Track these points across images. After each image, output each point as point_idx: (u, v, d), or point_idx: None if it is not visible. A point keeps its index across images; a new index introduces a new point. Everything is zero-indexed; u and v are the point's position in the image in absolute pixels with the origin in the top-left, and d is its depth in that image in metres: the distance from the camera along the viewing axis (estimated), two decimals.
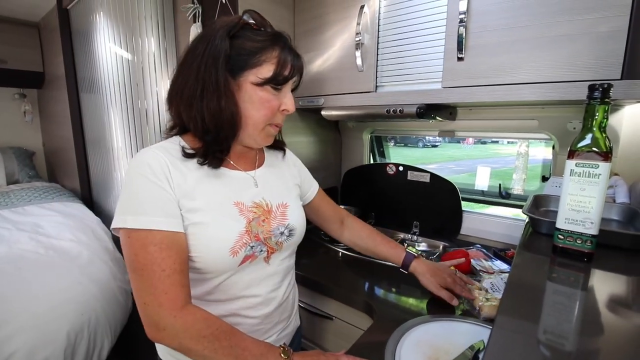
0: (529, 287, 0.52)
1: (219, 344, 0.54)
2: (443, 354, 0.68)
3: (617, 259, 0.61)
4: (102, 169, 1.93)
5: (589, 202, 0.55)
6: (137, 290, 0.54)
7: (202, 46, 0.59)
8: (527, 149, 5.46)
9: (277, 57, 0.61)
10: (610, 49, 0.71)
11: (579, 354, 0.37)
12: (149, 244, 0.54)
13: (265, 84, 0.61)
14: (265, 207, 0.68)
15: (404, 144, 8.65)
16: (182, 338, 0.53)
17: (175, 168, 0.59)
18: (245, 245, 0.62)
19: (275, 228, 0.68)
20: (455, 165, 8.11)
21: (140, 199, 0.55)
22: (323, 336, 1.07)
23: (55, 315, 0.93)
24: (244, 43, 0.59)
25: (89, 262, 1.17)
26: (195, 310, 0.56)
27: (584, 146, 0.56)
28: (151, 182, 0.56)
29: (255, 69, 0.60)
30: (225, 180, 0.65)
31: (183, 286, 0.56)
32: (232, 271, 0.63)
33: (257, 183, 0.70)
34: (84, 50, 1.91)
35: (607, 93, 0.54)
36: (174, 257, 0.55)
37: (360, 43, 1.07)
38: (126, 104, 1.70)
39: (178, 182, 0.58)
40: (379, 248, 0.90)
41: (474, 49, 0.87)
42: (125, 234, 0.55)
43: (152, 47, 1.55)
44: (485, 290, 0.88)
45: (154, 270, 0.53)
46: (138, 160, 0.58)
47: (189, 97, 0.59)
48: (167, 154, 0.60)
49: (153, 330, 0.54)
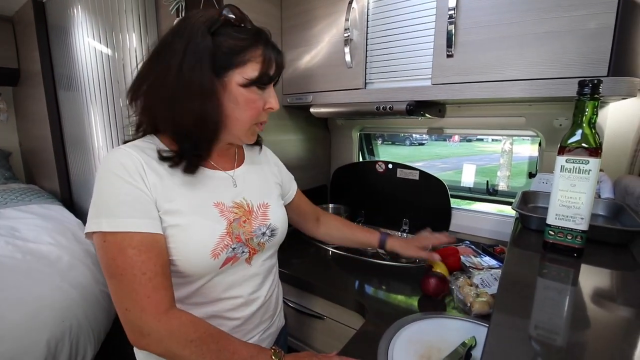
0: (522, 284, 0.52)
1: (206, 347, 0.52)
2: (435, 351, 0.68)
3: (605, 254, 0.61)
4: (83, 169, 1.86)
5: (579, 198, 0.56)
6: (117, 296, 0.51)
7: (181, 43, 0.54)
8: (512, 146, 5.58)
9: (262, 55, 0.59)
10: (597, 46, 0.72)
11: (571, 348, 0.38)
12: (127, 247, 0.51)
13: (251, 84, 0.58)
14: (246, 207, 0.67)
15: (392, 142, 8.73)
16: (167, 343, 0.51)
17: (150, 168, 0.56)
18: (227, 247, 0.60)
19: (256, 228, 0.67)
20: (441, 162, 8.24)
21: (115, 201, 0.52)
22: (314, 336, 1.06)
23: (33, 324, 0.88)
24: (226, 41, 0.56)
25: (69, 266, 1.12)
26: (181, 314, 0.53)
27: (573, 142, 0.56)
28: (126, 182, 0.53)
29: (239, 69, 0.57)
30: (204, 180, 0.63)
31: (166, 289, 0.53)
32: (213, 274, 0.61)
33: (236, 183, 0.68)
34: (61, 46, 1.84)
35: (596, 89, 0.54)
36: (154, 259, 0.52)
37: (349, 39, 1.06)
38: (107, 102, 1.64)
39: (154, 182, 0.55)
40: (356, 235, 0.95)
41: (463, 45, 0.87)
42: (100, 238, 0.52)
43: (133, 43, 1.50)
44: (475, 286, 0.89)
45: (135, 274, 0.50)
46: (110, 160, 0.55)
47: (169, 99, 0.55)
48: (142, 153, 0.57)
49: (137, 336, 0.51)
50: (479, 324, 0.76)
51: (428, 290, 0.87)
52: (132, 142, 0.60)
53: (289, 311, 1.08)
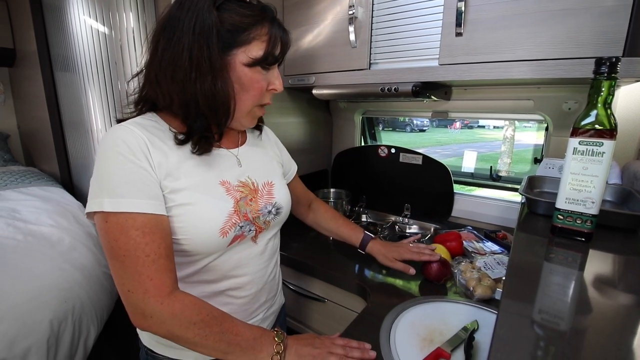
0: (530, 270, 0.51)
1: (209, 330, 0.52)
2: (437, 334, 0.68)
3: (614, 239, 0.60)
4: (82, 151, 1.85)
5: (591, 182, 0.54)
6: (119, 278, 0.51)
7: (189, 19, 0.52)
8: (513, 133, 5.52)
9: (267, 34, 0.56)
10: (613, 25, 0.69)
11: (575, 333, 0.38)
12: (130, 228, 0.49)
13: (255, 64, 0.57)
14: (252, 186, 0.66)
15: (392, 128, 8.66)
16: (170, 325, 0.50)
17: (154, 146, 0.54)
18: (235, 225, 0.60)
19: (263, 207, 0.66)
20: (442, 149, 8.19)
21: (117, 180, 0.50)
22: (314, 318, 1.07)
23: (36, 304, 0.88)
24: (232, 17, 0.54)
25: (70, 247, 1.12)
26: (184, 297, 0.53)
27: (588, 123, 0.54)
28: (129, 160, 0.51)
29: (244, 47, 0.55)
30: (209, 159, 0.61)
31: (170, 271, 0.53)
32: (220, 252, 0.61)
33: (241, 162, 0.67)
34: (57, 25, 1.79)
35: (614, 67, 0.51)
36: (158, 241, 0.51)
37: (353, 17, 1.02)
38: (104, 83, 1.61)
39: (159, 161, 0.54)
40: (340, 229, 0.95)
41: (473, 23, 0.84)
42: (102, 219, 0.50)
43: (130, 23, 1.46)
44: (478, 269, 0.89)
45: (138, 256, 0.49)
46: (112, 137, 0.52)
47: (179, 78, 0.53)
48: (144, 130, 0.55)
49: (139, 318, 0.51)
50: (482, 308, 0.76)
51: (430, 275, 0.87)
52: (132, 119, 0.58)
53: (288, 293, 1.08)
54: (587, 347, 0.36)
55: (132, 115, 0.61)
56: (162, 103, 0.58)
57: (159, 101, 0.58)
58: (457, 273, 0.90)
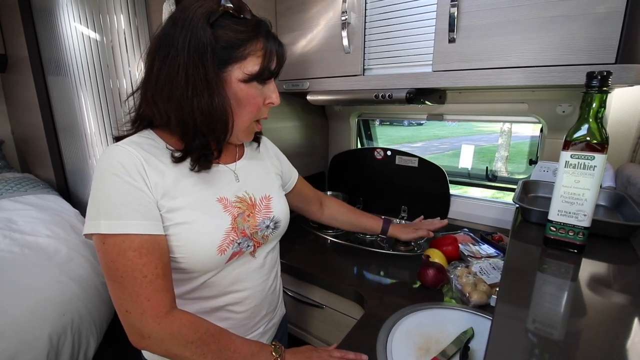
0: (523, 280, 0.52)
1: (207, 348, 0.53)
2: (433, 343, 0.69)
3: (606, 248, 0.61)
4: (77, 157, 1.84)
5: (582, 195, 0.54)
6: (117, 299, 0.51)
7: (183, 37, 0.52)
8: (510, 126, 5.50)
9: (263, 49, 0.56)
10: (607, 31, 0.69)
11: (567, 341, 0.40)
12: (128, 250, 0.50)
13: (251, 80, 0.57)
14: (249, 201, 0.66)
15: (390, 123, 8.64)
16: (168, 345, 0.51)
17: (150, 166, 0.54)
18: (233, 242, 0.60)
19: (260, 222, 0.66)
20: (440, 143, 8.19)
21: (114, 201, 0.50)
22: (314, 324, 1.08)
23: (34, 318, 0.89)
24: (226, 33, 0.53)
25: (68, 259, 1.12)
26: (181, 315, 0.53)
27: (579, 137, 0.54)
28: (125, 182, 0.51)
29: (239, 63, 0.55)
30: (206, 175, 0.61)
31: (167, 291, 0.53)
32: (219, 269, 0.61)
33: (239, 177, 0.66)
34: (48, 29, 1.77)
35: (605, 81, 0.51)
36: (155, 262, 0.51)
37: (346, 22, 1.01)
38: (97, 87, 1.59)
39: (155, 181, 0.54)
40: (360, 220, 1.00)
41: (466, 29, 0.83)
42: (99, 240, 0.50)
43: (122, 25, 1.44)
44: (474, 274, 0.89)
45: (135, 277, 0.50)
46: (108, 158, 0.52)
47: (175, 97, 0.53)
48: (140, 149, 0.54)
49: (137, 338, 0.51)
50: (477, 314, 0.77)
51: (426, 282, 0.88)
52: (129, 137, 0.57)
53: (288, 300, 1.09)
54: (580, 354, 0.37)
55: (130, 132, 0.61)
56: (159, 121, 0.58)
57: (156, 120, 0.58)
58: (454, 278, 0.90)
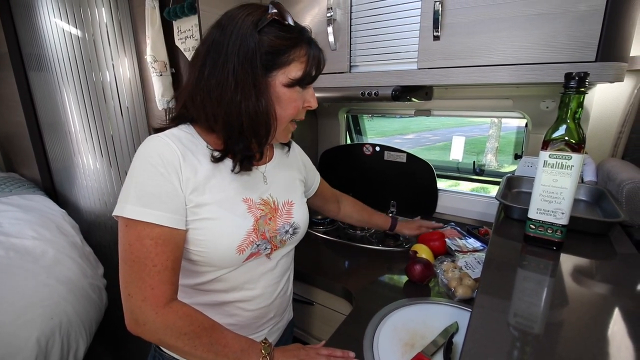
0: (504, 276, 0.53)
1: (199, 341, 0.54)
2: (419, 338, 0.70)
3: (584, 244, 0.63)
4: (62, 155, 1.81)
5: (560, 193, 0.56)
6: (124, 281, 0.53)
7: (232, 43, 0.54)
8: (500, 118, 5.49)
9: (306, 55, 0.58)
10: (587, 30, 0.70)
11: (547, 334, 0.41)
12: (145, 237, 0.52)
13: (294, 85, 0.59)
14: (272, 204, 0.67)
15: (382, 115, 8.64)
16: (161, 335, 0.53)
17: (186, 161, 0.57)
18: (252, 243, 0.62)
19: (281, 227, 0.68)
20: (431, 134, 8.24)
21: (144, 189, 0.53)
22: (305, 320, 1.09)
23: (21, 323, 0.88)
24: (272, 40, 0.55)
25: (55, 261, 1.10)
26: (178, 307, 0.55)
27: (557, 137, 0.55)
28: (160, 173, 0.54)
29: (284, 69, 0.57)
30: (237, 175, 0.63)
31: (172, 284, 0.55)
32: (235, 266, 0.63)
33: (267, 179, 0.68)
34: (27, 23, 1.71)
35: (582, 82, 0.52)
36: (168, 253, 0.54)
37: (332, 19, 1.00)
38: (80, 83, 1.56)
39: (188, 176, 0.56)
40: (372, 218, 1.07)
41: (450, 27, 0.83)
42: (122, 223, 0.53)
43: (103, 19, 1.40)
44: (459, 269, 0.91)
45: (146, 264, 0.52)
46: (149, 148, 0.55)
47: (228, 103, 0.55)
48: (179, 143, 0.57)
49: (133, 323, 0.53)
50: (462, 308, 0.79)
51: (414, 277, 0.89)
52: (169, 130, 0.60)
53: None
54: (560, 345, 0.39)
55: (169, 125, 0.63)
56: (204, 123, 0.60)
57: (202, 122, 0.60)
58: (440, 273, 0.92)
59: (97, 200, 1.63)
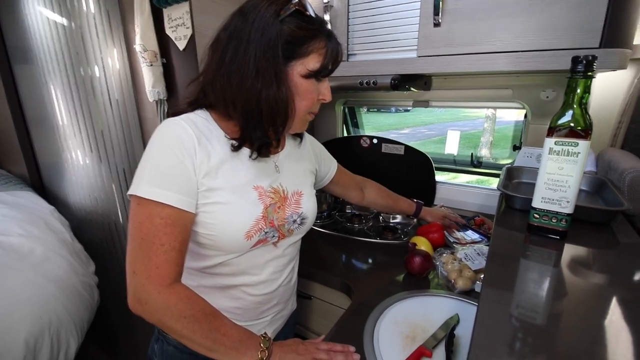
0: (507, 267, 0.52)
1: (198, 325, 0.54)
2: (420, 331, 0.69)
3: (587, 233, 0.62)
4: (50, 150, 1.75)
5: (566, 181, 0.54)
6: (131, 259, 0.54)
7: (254, 31, 0.54)
8: (495, 111, 5.62)
9: (324, 47, 0.59)
10: (590, 15, 0.68)
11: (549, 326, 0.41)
12: (156, 216, 0.53)
13: (311, 76, 0.59)
14: (282, 193, 0.68)
15: (377, 110, 8.64)
16: (161, 315, 0.52)
17: (201, 146, 0.58)
18: (260, 230, 0.63)
19: (289, 216, 0.68)
20: (427, 129, 8.25)
21: (158, 170, 0.54)
22: (302, 314, 1.07)
23: (8, 323, 0.84)
24: (293, 31, 0.55)
25: (43, 258, 1.07)
26: (181, 290, 0.54)
27: (563, 123, 0.53)
28: (175, 155, 0.55)
29: (302, 59, 0.57)
30: (248, 162, 0.63)
31: (177, 265, 0.55)
32: (242, 252, 0.64)
33: (279, 168, 0.69)
34: (11, 14, 1.65)
35: (590, 66, 0.51)
36: (176, 234, 0.54)
37: (328, 5, 0.97)
38: (67, 75, 1.50)
39: (201, 160, 0.57)
40: (398, 203, 1.07)
41: (451, 13, 0.81)
42: (135, 201, 0.54)
43: (90, 9, 1.35)
44: (459, 261, 0.90)
45: (153, 243, 0.53)
46: (167, 130, 0.57)
47: (248, 89, 0.55)
48: (195, 128, 0.58)
49: (135, 302, 0.53)
50: (463, 300, 0.78)
51: (413, 269, 0.88)
52: (186, 114, 0.60)
53: None
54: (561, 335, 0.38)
55: (186, 110, 0.63)
56: (223, 110, 0.61)
57: (220, 108, 0.61)
58: (439, 265, 0.91)
59: (87, 196, 1.59)
